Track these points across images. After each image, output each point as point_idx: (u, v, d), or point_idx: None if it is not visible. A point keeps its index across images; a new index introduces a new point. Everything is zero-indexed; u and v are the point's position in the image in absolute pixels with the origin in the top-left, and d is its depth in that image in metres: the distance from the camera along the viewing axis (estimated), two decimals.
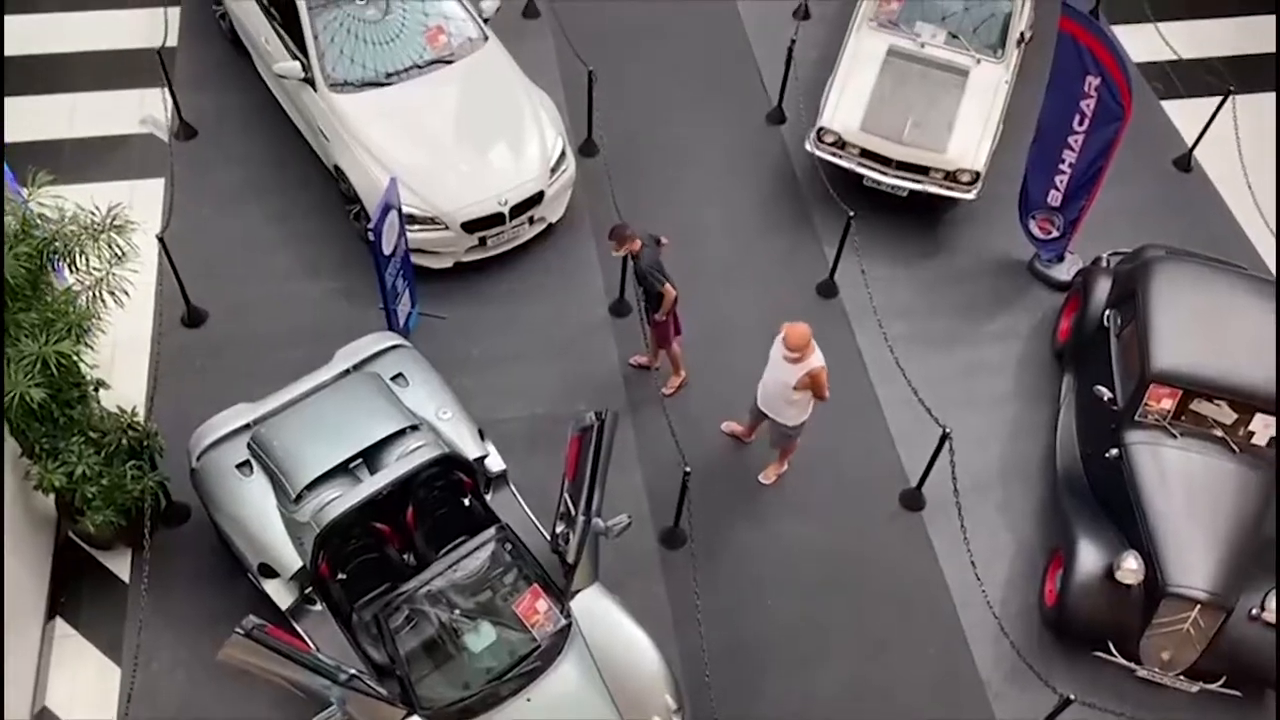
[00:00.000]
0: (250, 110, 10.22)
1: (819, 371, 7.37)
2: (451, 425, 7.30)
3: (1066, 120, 8.70)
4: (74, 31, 10.82)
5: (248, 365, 8.46)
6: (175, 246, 8.52)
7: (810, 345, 7.31)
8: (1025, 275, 9.69)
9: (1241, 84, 10.48)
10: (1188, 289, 7.92)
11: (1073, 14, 8.47)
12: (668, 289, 7.85)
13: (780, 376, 7.48)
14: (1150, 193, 10.35)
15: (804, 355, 7.32)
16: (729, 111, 10.74)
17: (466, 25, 9.59)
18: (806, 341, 7.26)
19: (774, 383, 7.58)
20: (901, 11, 9.99)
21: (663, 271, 7.88)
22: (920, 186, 9.51)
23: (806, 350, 7.30)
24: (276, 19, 9.51)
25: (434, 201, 8.73)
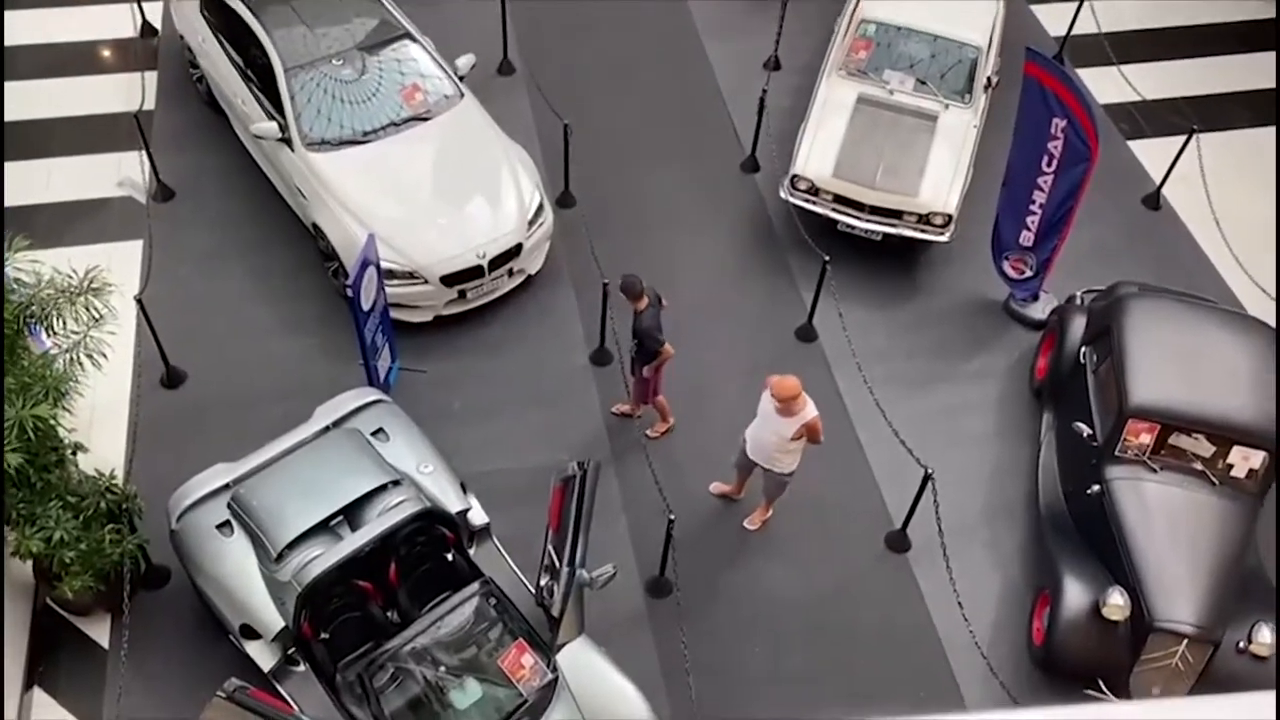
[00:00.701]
0: (228, 171, 10.28)
1: (814, 422, 7.42)
2: (433, 479, 7.27)
3: (1035, 162, 8.85)
4: (51, 97, 10.88)
5: (228, 425, 8.42)
6: (154, 308, 8.52)
7: (801, 396, 7.33)
8: (1001, 315, 9.78)
9: (1204, 123, 10.71)
10: (1161, 324, 8.01)
11: (1037, 59, 8.65)
12: (667, 348, 7.94)
13: (774, 428, 7.49)
14: (1121, 231, 10.50)
15: (795, 407, 7.34)
16: (704, 161, 10.87)
17: (442, 83, 9.71)
18: (796, 393, 7.28)
19: (768, 434, 7.57)
20: (870, 60, 10.17)
21: (660, 330, 7.94)
22: (894, 230, 9.62)
23: (797, 402, 7.32)
24: (253, 81, 9.60)
25: (412, 256, 8.77)
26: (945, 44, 10.07)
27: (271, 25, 9.51)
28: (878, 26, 10.22)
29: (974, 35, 10.11)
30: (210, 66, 10.09)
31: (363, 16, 9.84)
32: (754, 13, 12.32)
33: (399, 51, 9.69)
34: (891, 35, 10.17)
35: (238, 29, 9.72)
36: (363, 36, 9.67)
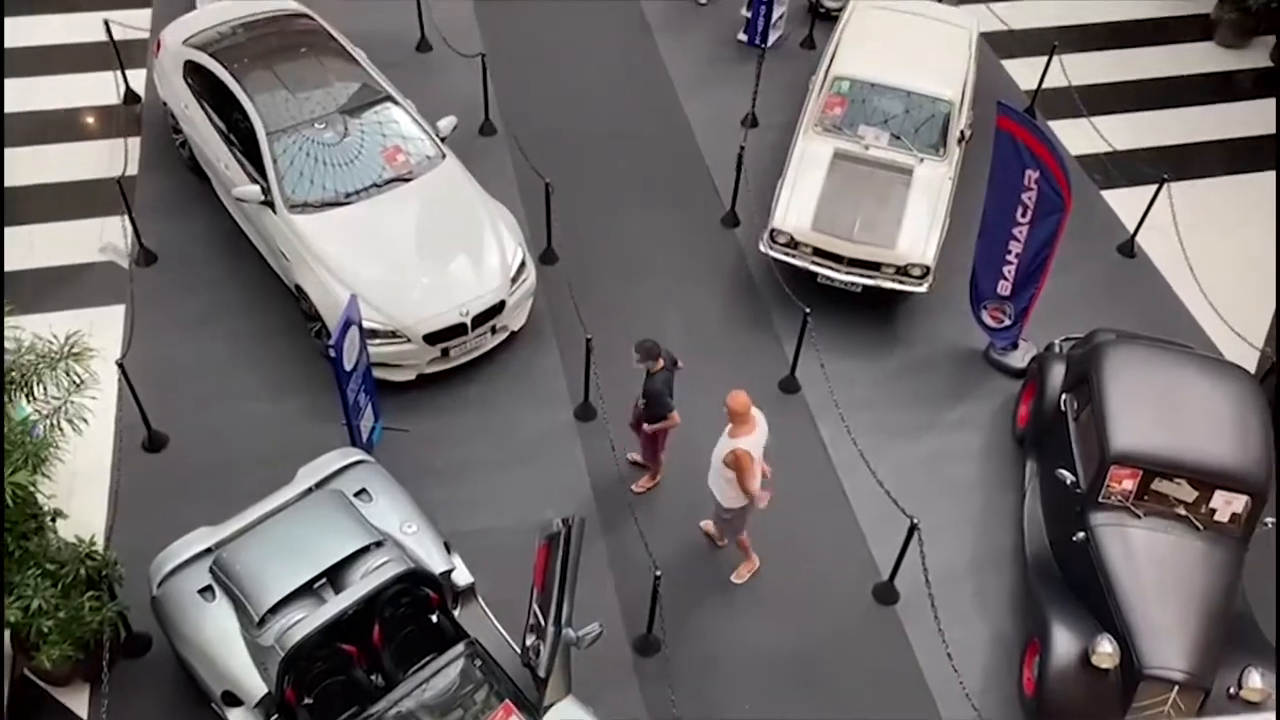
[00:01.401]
0: (210, 234, 10.33)
1: (741, 454, 7.35)
2: (417, 539, 7.23)
3: (1009, 213, 8.98)
4: (35, 164, 10.93)
5: (210, 488, 8.36)
6: (136, 372, 8.50)
7: (747, 417, 7.36)
8: (981, 364, 9.85)
9: (1174, 172, 10.91)
10: (1140, 371, 8.08)
11: (1008, 113, 8.81)
12: (674, 416, 8.02)
13: (718, 447, 7.54)
14: (1097, 279, 10.63)
15: (738, 427, 7.38)
16: (684, 217, 10.98)
17: (424, 144, 9.81)
18: (743, 409, 7.33)
19: (715, 455, 7.63)
20: (845, 116, 10.34)
21: (670, 394, 7.98)
22: (873, 282, 9.72)
23: (741, 422, 7.37)
24: (236, 145, 9.69)
25: (395, 315, 8.80)
26: (918, 99, 10.25)
27: (253, 90, 9.61)
28: (851, 83, 10.40)
29: (946, 90, 10.30)
30: (193, 131, 10.18)
31: (344, 80, 9.96)
32: (730, 72, 12.55)
33: (381, 114, 9.81)
34: (865, 91, 10.35)
35: (220, 94, 9.83)
36: (345, 100, 9.78)
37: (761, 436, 7.54)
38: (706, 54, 12.88)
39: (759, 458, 7.51)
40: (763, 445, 7.58)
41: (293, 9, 10.95)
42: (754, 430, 7.45)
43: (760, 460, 7.54)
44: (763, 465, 7.61)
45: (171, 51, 10.46)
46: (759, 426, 7.51)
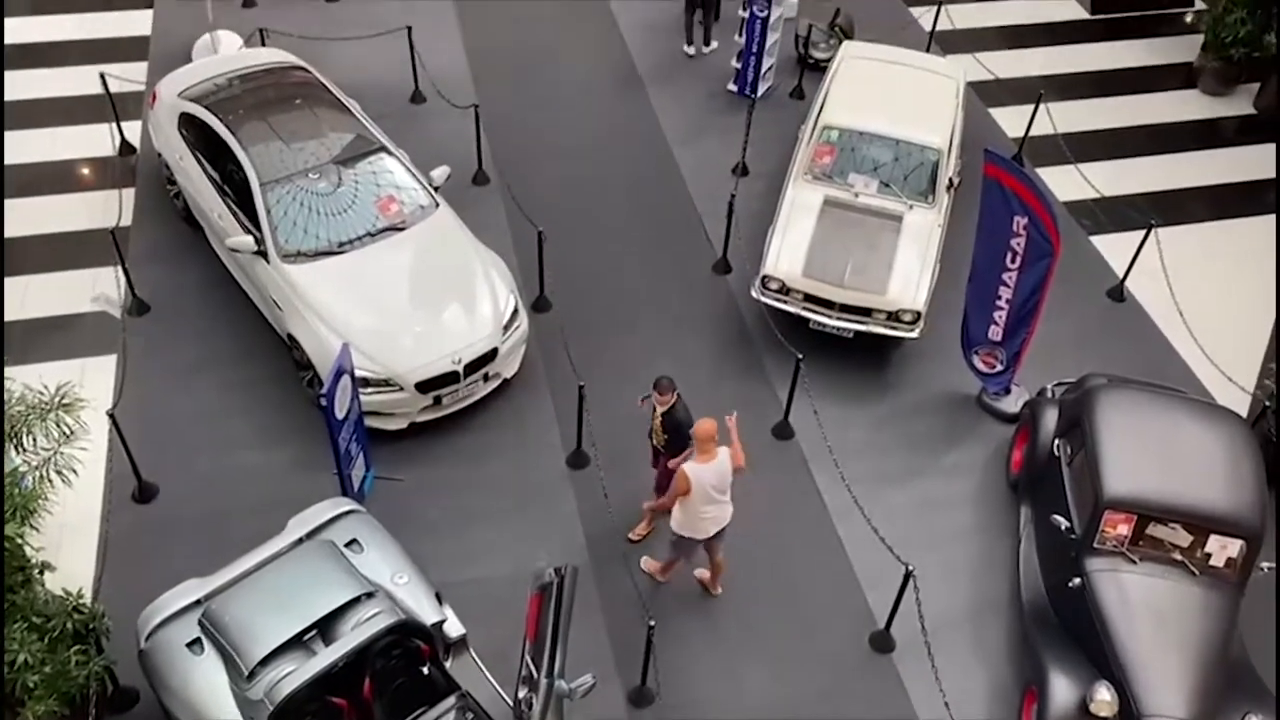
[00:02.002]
0: (203, 284, 10.35)
1: (680, 474, 7.40)
2: (408, 590, 7.16)
3: (999, 259, 9.04)
4: (29, 216, 10.97)
5: (200, 539, 8.30)
6: (127, 422, 8.47)
7: (707, 445, 7.34)
8: (974, 409, 9.86)
9: (1162, 217, 11.02)
10: (1133, 415, 8.08)
11: (996, 160, 8.91)
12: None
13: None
14: (1088, 324, 10.68)
15: (699, 455, 7.38)
16: (676, 264, 11.04)
17: (418, 194, 9.88)
18: (703, 437, 7.33)
19: None
20: (834, 164, 10.44)
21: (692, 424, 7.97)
22: (864, 327, 9.75)
23: (701, 450, 7.36)
24: (230, 195, 9.74)
25: (388, 363, 8.79)
26: (907, 147, 10.36)
27: (248, 141, 9.69)
28: (840, 132, 10.52)
29: (934, 139, 10.42)
30: (187, 182, 10.24)
31: (338, 131, 10.05)
32: (720, 122, 12.69)
33: (375, 164, 9.88)
34: (854, 140, 10.46)
35: (214, 145, 9.90)
36: (339, 150, 9.86)
37: (715, 471, 7.43)
38: (697, 104, 13.03)
39: (703, 487, 7.41)
40: (715, 480, 7.45)
41: (287, 61, 11.09)
42: (710, 461, 7.40)
43: (709, 493, 7.44)
44: (716, 497, 7.50)
45: (167, 104, 10.56)
46: (716, 461, 7.42)
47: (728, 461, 7.48)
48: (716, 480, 7.47)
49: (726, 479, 7.51)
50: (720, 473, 7.47)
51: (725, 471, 7.48)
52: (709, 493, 7.48)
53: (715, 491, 7.50)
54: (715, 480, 7.47)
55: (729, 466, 7.49)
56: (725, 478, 7.50)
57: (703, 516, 7.61)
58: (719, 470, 7.46)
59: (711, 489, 7.47)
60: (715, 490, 7.50)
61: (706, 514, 7.60)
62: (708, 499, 7.50)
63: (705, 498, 7.49)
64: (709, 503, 7.54)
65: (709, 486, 7.46)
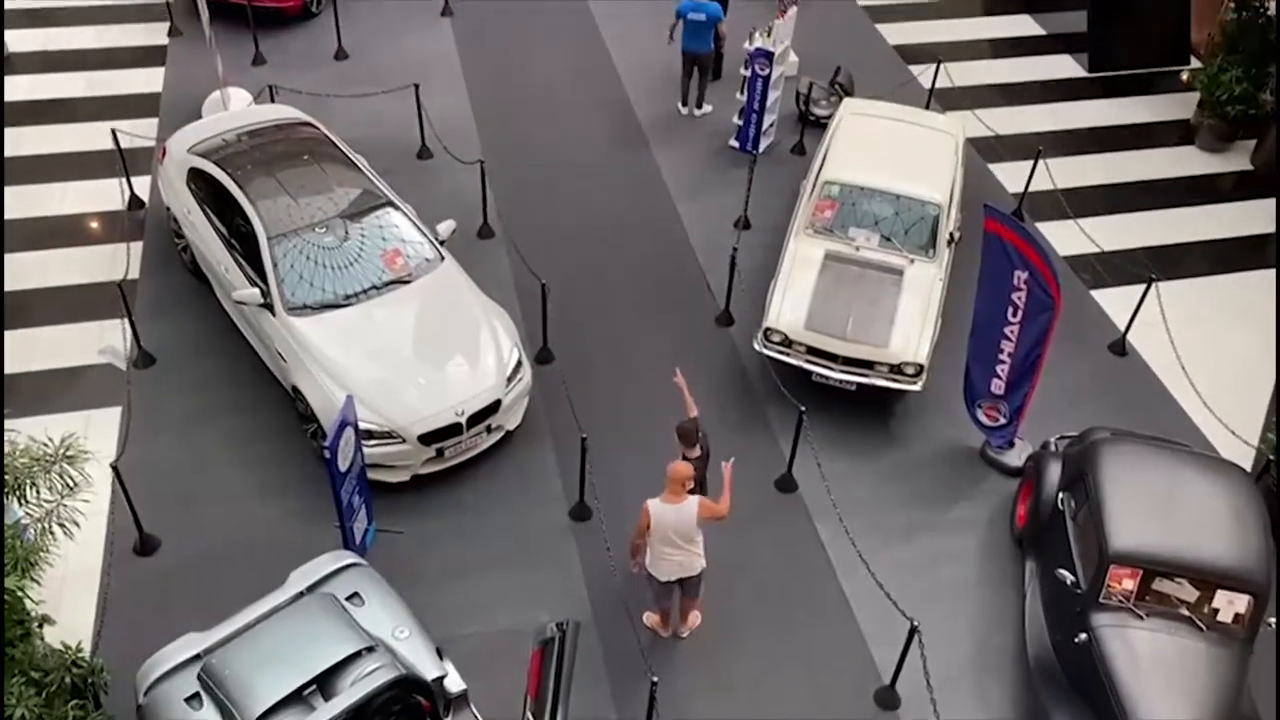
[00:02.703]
0: (209, 337, 10.40)
1: (643, 509, 7.41)
2: (409, 645, 7.10)
3: (1000, 313, 9.08)
4: (38, 269, 11.08)
5: (201, 592, 8.26)
6: (130, 474, 8.47)
7: (678, 488, 7.32)
8: (978, 462, 9.84)
9: (1162, 272, 11.08)
10: (1136, 469, 8.07)
11: (996, 215, 8.99)
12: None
13: None
14: (1090, 377, 10.70)
15: (669, 495, 7.36)
16: (679, 316, 11.10)
17: (423, 247, 9.97)
18: (678, 479, 7.31)
19: None
20: (835, 219, 10.54)
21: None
22: (867, 380, 9.77)
23: (671, 489, 7.34)
24: (237, 249, 9.83)
25: (391, 415, 8.81)
26: (907, 202, 10.46)
27: (256, 196, 9.81)
28: (841, 187, 10.63)
29: (934, 194, 10.52)
30: (195, 236, 10.34)
31: (345, 186, 10.17)
32: (722, 176, 12.83)
33: (381, 218, 9.98)
34: (855, 195, 10.57)
35: (223, 200, 10.02)
36: (345, 205, 9.97)
37: (678, 514, 7.36)
38: (700, 159, 13.19)
39: (663, 528, 7.39)
40: (676, 524, 7.38)
41: (296, 118, 11.26)
42: (676, 503, 7.36)
43: (669, 534, 7.42)
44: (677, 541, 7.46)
45: (176, 159, 10.70)
46: (683, 505, 7.36)
47: (694, 511, 7.37)
48: (677, 524, 7.39)
49: (689, 527, 7.41)
50: (683, 519, 7.38)
51: (689, 519, 7.38)
52: (668, 534, 7.43)
53: (675, 535, 7.43)
54: (675, 524, 7.39)
55: (694, 515, 7.37)
56: (688, 525, 7.40)
57: (662, 557, 7.57)
58: (683, 516, 7.37)
59: (671, 531, 7.41)
60: (675, 534, 7.42)
61: (666, 555, 7.55)
62: (667, 540, 7.46)
63: (664, 538, 7.45)
64: (668, 544, 7.49)
65: (668, 528, 7.40)
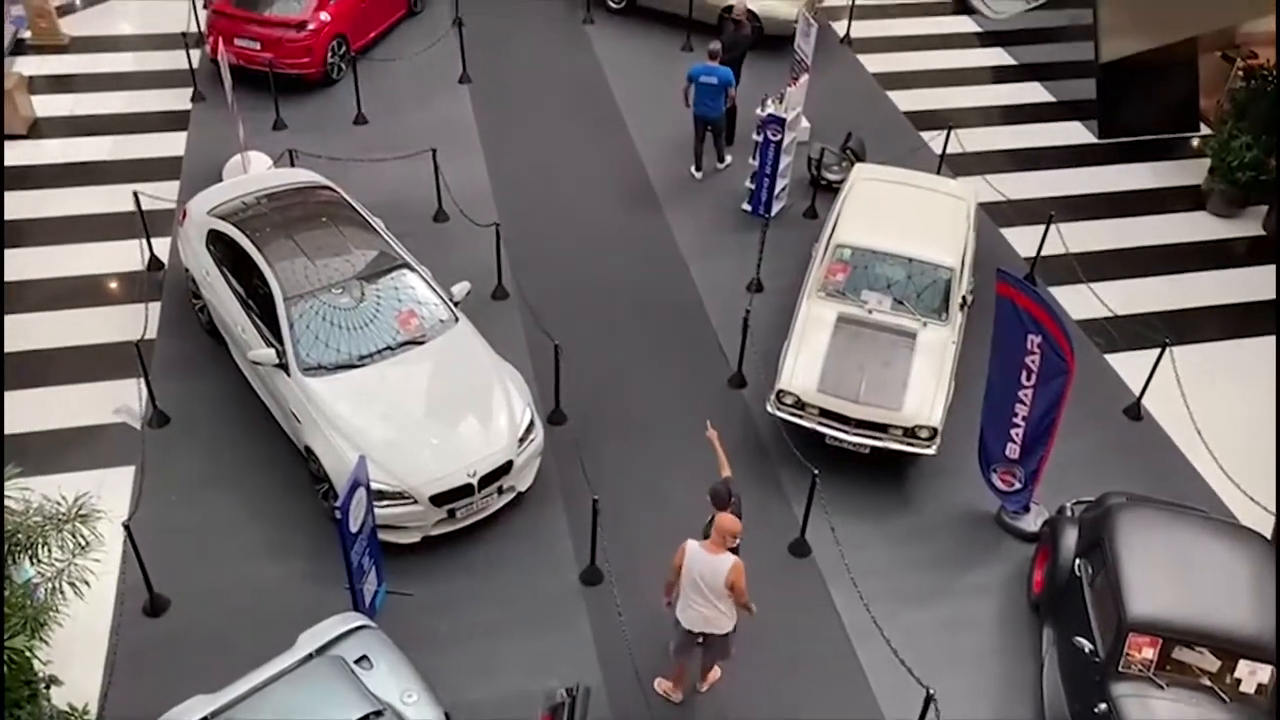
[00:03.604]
0: (224, 396, 10.46)
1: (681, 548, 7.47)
2: (417, 709, 7.02)
3: (1014, 377, 9.06)
4: (56, 329, 11.20)
5: (210, 653, 8.20)
6: (142, 533, 8.46)
7: (721, 540, 7.35)
8: (994, 527, 9.75)
9: (1176, 336, 11.05)
10: (1154, 535, 7.98)
11: (1008, 279, 9.01)
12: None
13: None
14: (1105, 442, 10.63)
15: (712, 543, 7.37)
16: (691, 378, 11.11)
17: (438, 308, 10.05)
18: (726, 531, 7.35)
19: None
20: (848, 281, 10.58)
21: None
22: (881, 444, 9.73)
23: (715, 540, 7.36)
24: (254, 310, 9.93)
25: (403, 476, 8.80)
26: (919, 266, 10.51)
27: (274, 257, 9.93)
28: (853, 251, 10.70)
29: (946, 257, 10.57)
30: (212, 296, 10.45)
31: (362, 248, 10.29)
32: (735, 239, 12.94)
33: (397, 280, 10.08)
34: (867, 258, 10.63)
35: (241, 261, 10.15)
36: (362, 266, 10.08)
37: (709, 564, 7.33)
38: (712, 222, 13.32)
39: (691, 572, 7.39)
40: (704, 572, 7.35)
41: (315, 181, 11.44)
42: (712, 553, 7.34)
43: (696, 580, 7.40)
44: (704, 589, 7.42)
45: (196, 220, 10.86)
46: (717, 558, 7.32)
47: (726, 568, 7.31)
48: (706, 574, 7.35)
49: (718, 581, 7.34)
50: (715, 571, 7.33)
51: (719, 574, 7.32)
52: (697, 580, 7.39)
53: (704, 584, 7.38)
54: (705, 573, 7.35)
55: (725, 572, 7.31)
56: (717, 579, 7.34)
57: (689, 604, 7.53)
58: (715, 568, 7.32)
59: (700, 579, 7.37)
60: (704, 583, 7.38)
61: (693, 603, 7.50)
62: (695, 586, 7.42)
63: (692, 583, 7.42)
64: (696, 592, 7.44)
65: (698, 574, 7.37)
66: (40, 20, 15.89)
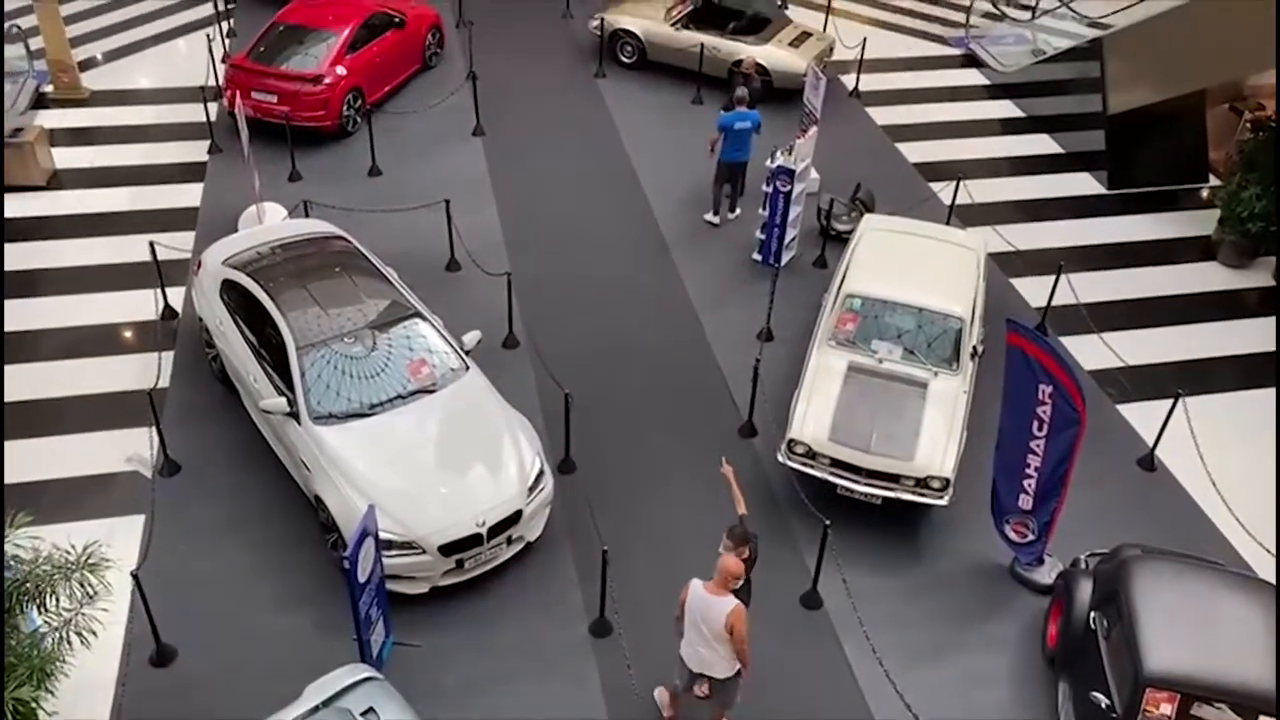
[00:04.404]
0: (234, 445, 10.48)
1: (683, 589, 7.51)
2: None
3: (1025, 427, 9.01)
4: (69, 377, 11.25)
5: (216, 705, 8.14)
6: (150, 582, 8.44)
7: (725, 582, 7.33)
8: (1007, 579, 9.64)
9: (1189, 386, 10.99)
10: (1170, 588, 7.88)
11: (1018, 329, 9.01)
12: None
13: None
14: (1119, 493, 10.54)
15: (716, 583, 7.35)
16: (702, 426, 11.08)
17: (449, 357, 10.08)
18: (729, 573, 7.32)
19: None
20: (858, 331, 10.59)
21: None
22: (892, 494, 9.67)
23: (719, 580, 7.35)
24: (266, 359, 9.98)
25: (412, 525, 8.78)
26: (930, 315, 10.52)
27: (287, 307, 10.00)
28: (863, 300, 10.72)
29: (956, 307, 10.57)
30: (225, 346, 10.51)
31: (375, 298, 10.36)
32: (745, 289, 12.97)
33: (409, 329, 10.12)
34: (877, 308, 10.64)
35: (254, 310, 10.22)
36: (374, 315, 10.14)
37: (711, 605, 7.31)
38: (722, 272, 13.38)
39: (693, 609, 7.40)
40: (704, 613, 7.34)
41: (328, 231, 11.55)
42: (714, 594, 7.32)
43: (695, 619, 7.41)
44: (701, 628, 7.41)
45: (211, 270, 10.96)
46: (722, 601, 7.30)
47: (725, 611, 7.28)
48: (705, 615, 7.33)
49: (716, 624, 7.31)
50: (714, 613, 7.30)
51: (718, 616, 7.29)
52: (696, 620, 7.39)
53: (703, 625, 7.36)
54: (704, 614, 7.33)
55: (724, 616, 7.27)
56: (716, 621, 7.31)
57: (688, 641, 7.53)
58: (714, 610, 7.30)
59: (699, 619, 7.36)
60: (703, 624, 7.36)
61: (691, 641, 7.50)
62: (694, 625, 7.42)
63: (692, 622, 7.42)
64: (694, 631, 7.44)
65: (698, 614, 7.36)
66: (63, 75, 16.20)
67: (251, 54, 15.24)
